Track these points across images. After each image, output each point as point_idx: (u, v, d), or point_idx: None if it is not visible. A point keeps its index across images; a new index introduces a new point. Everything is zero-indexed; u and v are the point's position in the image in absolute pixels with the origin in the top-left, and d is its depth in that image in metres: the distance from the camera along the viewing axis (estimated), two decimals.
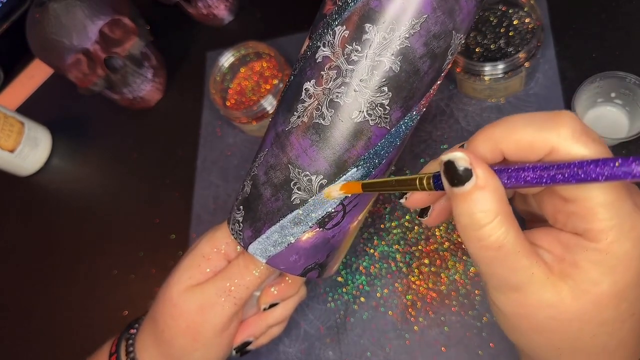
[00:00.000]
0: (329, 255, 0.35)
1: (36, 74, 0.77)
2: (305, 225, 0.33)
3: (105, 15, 0.58)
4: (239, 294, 0.37)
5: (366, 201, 0.35)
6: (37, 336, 0.60)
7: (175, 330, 0.37)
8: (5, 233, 0.67)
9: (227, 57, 0.58)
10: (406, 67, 0.30)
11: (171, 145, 0.64)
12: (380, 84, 0.30)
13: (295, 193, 0.33)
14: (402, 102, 0.31)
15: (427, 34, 0.29)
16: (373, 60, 0.30)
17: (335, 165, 0.32)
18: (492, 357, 0.43)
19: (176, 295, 0.37)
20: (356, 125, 0.31)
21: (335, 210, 0.33)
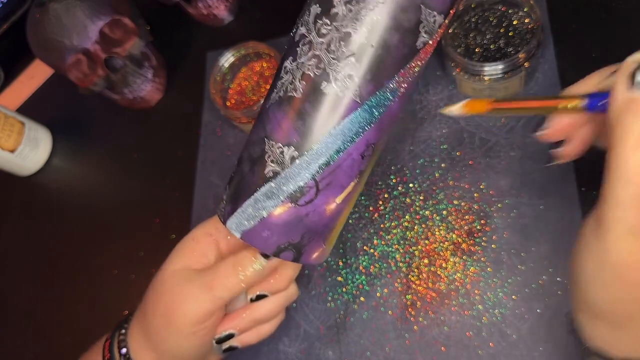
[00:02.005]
0: (303, 237, 0.34)
1: (36, 74, 0.77)
2: (277, 199, 0.33)
3: (105, 15, 0.58)
4: (220, 293, 0.36)
5: (342, 183, 0.34)
6: (38, 336, 0.60)
7: (155, 310, 0.38)
8: (6, 233, 0.68)
9: (227, 57, 0.58)
10: (373, 38, 0.31)
11: (171, 145, 0.64)
12: (348, 55, 0.31)
13: (269, 166, 0.33)
14: (371, 75, 0.31)
15: (394, 5, 0.30)
16: (340, 31, 0.31)
17: (306, 137, 0.32)
18: (491, 357, 0.43)
19: (168, 274, 0.38)
20: (325, 96, 0.32)
21: (307, 185, 0.33)
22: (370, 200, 0.52)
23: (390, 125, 0.34)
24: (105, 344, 0.41)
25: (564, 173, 0.47)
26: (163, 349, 0.38)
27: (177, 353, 0.38)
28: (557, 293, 0.43)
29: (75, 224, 0.64)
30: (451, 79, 0.52)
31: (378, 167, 0.53)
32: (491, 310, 0.45)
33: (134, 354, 0.39)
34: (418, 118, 0.53)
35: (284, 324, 0.50)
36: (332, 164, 0.32)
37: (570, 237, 0.44)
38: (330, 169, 0.33)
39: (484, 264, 0.46)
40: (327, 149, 0.32)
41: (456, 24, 0.51)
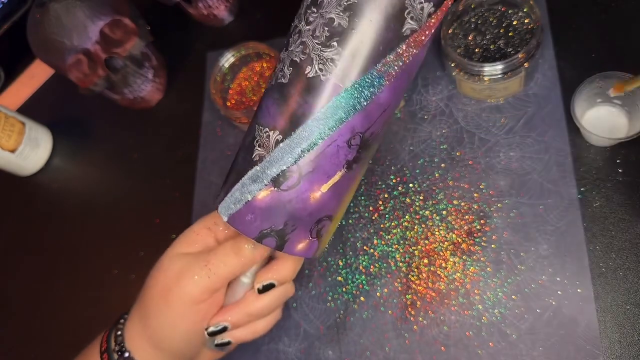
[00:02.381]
0: (287, 224, 0.34)
1: (37, 74, 0.77)
2: (261, 183, 0.33)
3: (105, 15, 0.58)
4: (215, 268, 0.37)
5: (327, 171, 0.33)
6: (38, 336, 0.60)
7: (153, 291, 0.38)
8: (6, 233, 0.68)
9: (227, 57, 0.58)
10: (355, 23, 0.31)
11: (171, 145, 0.64)
12: (330, 39, 0.31)
13: (256, 150, 0.34)
14: (353, 59, 0.32)
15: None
16: (324, 17, 0.31)
17: (290, 120, 0.32)
18: (491, 356, 0.43)
19: (167, 259, 0.39)
20: (309, 80, 0.32)
21: (289, 170, 0.33)
22: (370, 200, 0.52)
23: (381, 116, 0.34)
24: (104, 335, 0.41)
25: (564, 173, 0.47)
26: (158, 333, 0.38)
27: (171, 336, 0.38)
28: (557, 293, 0.43)
29: (75, 224, 0.64)
30: (451, 79, 0.52)
31: (378, 167, 0.53)
32: (491, 310, 0.45)
33: (129, 341, 0.39)
34: (418, 118, 0.53)
35: (284, 323, 0.50)
36: (314, 149, 0.32)
37: (570, 237, 0.45)
38: (313, 154, 0.32)
39: (484, 264, 0.46)
40: (309, 133, 0.32)
41: (456, 25, 0.51)
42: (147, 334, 0.39)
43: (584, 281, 0.43)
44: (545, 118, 0.49)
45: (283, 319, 0.50)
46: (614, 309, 0.42)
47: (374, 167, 0.53)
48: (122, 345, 0.39)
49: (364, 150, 0.34)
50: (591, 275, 0.43)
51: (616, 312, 0.42)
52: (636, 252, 0.43)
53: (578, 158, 0.47)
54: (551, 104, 0.49)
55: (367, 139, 0.34)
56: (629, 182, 0.45)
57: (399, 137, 0.53)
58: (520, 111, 0.50)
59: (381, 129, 0.35)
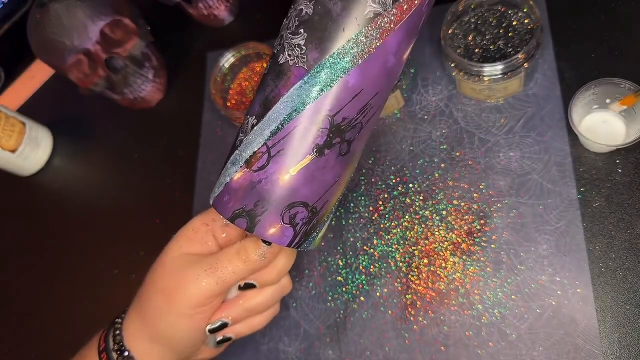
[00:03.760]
0: (257, 205, 0.34)
1: (37, 74, 0.77)
2: (237, 165, 0.35)
3: (106, 15, 0.58)
4: (224, 275, 0.37)
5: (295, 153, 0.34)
6: (38, 336, 0.60)
7: (155, 289, 0.39)
8: (6, 233, 0.68)
9: (227, 57, 0.58)
10: (318, 9, 0.33)
11: (172, 145, 0.64)
12: (298, 27, 0.33)
13: (239, 135, 0.36)
14: (317, 42, 0.33)
15: None
16: (296, 9, 0.34)
17: (264, 105, 0.34)
18: (491, 356, 0.43)
19: (169, 258, 0.39)
20: (280, 67, 0.34)
21: (259, 150, 0.34)
22: (370, 200, 0.52)
23: (353, 101, 0.34)
24: (102, 334, 0.41)
25: (563, 173, 0.47)
26: (159, 331, 0.39)
27: (172, 335, 0.39)
28: (557, 293, 0.43)
29: (75, 224, 0.64)
30: (451, 79, 0.52)
31: (378, 167, 0.53)
32: (490, 310, 0.45)
33: (128, 340, 0.40)
34: (418, 118, 0.53)
35: (284, 323, 0.50)
36: (281, 130, 0.34)
37: (570, 237, 0.45)
38: (281, 134, 0.34)
39: (484, 264, 0.46)
40: (277, 115, 0.34)
41: (456, 25, 0.51)
42: (148, 333, 0.39)
43: (584, 281, 0.43)
44: (544, 118, 0.49)
45: (283, 319, 0.50)
46: (613, 309, 0.42)
47: (374, 167, 0.53)
48: (121, 344, 0.39)
49: (336, 135, 0.35)
50: (591, 275, 0.43)
51: (616, 312, 0.42)
52: (636, 252, 0.43)
53: (578, 158, 0.47)
54: (551, 104, 0.49)
55: (338, 124, 0.34)
56: (628, 182, 0.45)
57: (399, 137, 0.53)
58: (520, 111, 0.50)
59: (357, 116, 0.35)
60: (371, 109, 0.36)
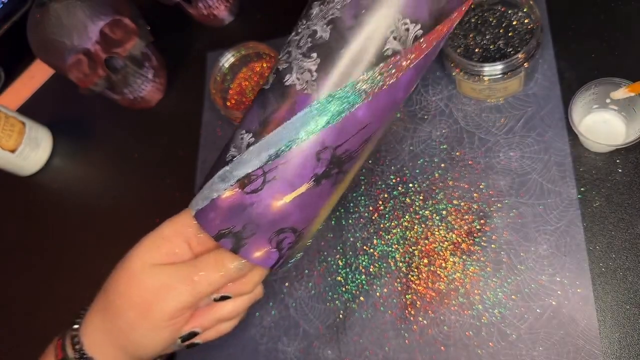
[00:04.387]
0: (246, 227, 0.33)
1: (37, 74, 0.77)
2: (228, 183, 0.33)
3: (105, 15, 0.58)
4: (201, 287, 0.36)
5: (292, 181, 0.33)
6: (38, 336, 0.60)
7: (127, 302, 0.37)
8: (6, 233, 0.68)
9: (227, 57, 0.58)
10: (336, 36, 0.31)
11: (172, 145, 0.64)
12: (311, 51, 0.31)
13: (231, 150, 0.34)
14: (330, 72, 0.32)
15: (357, 6, 0.31)
16: (309, 28, 0.32)
17: (263, 125, 0.33)
18: (491, 356, 0.43)
19: (139, 268, 0.37)
20: (285, 88, 0.32)
21: (254, 173, 0.33)
22: (370, 200, 0.52)
23: (357, 135, 0.33)
24: (57, 343, 0.40)
25: (564, 173, 0.47)
26: (128, 343, 0.38)
27: (143, 346, 0.38)
28: (557, 293, 0.43)
29: (75, 224, 0.64)
30: (451, 79, 0.52)
31: (378, 167, 0.53)
32: (490, 310, 0.45)
33: (91, 349, 0.38)
34: (418, 118, 0.53)
35: (283, 323, 0.50)
36: (280, 156, 0.32)
37: (570, 237, 0.45)
38: (280, 161, 0.32)
39: (484, 264, 0.46)
40: (278, 140, 0.32)
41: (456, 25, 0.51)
42: (114, 342, 0.38)
43: (584, 281, 0.43)
44: (544, 118, 0.49)
45: (282, 319, 0.50)
46: (613, 309, 0.42)
47: (374, 167, 0.53)
48: (82, 352, 0.38)
49: (336, 167, 0.33)
50: (591, 275, 0.43)
51: (616, 312, 0.42)
52: (636, 252, 0.43)
53: (578, 158, 0.47)
54: (551, 104, 0.49)
55: (339, 156, 0.33)
56: (628, 182, 0.45)
57: (399, 137, 0.53)
58: (520, 111, 0.50)
59: (358, 148, 0.34)
60: (372, 141, 0.35)
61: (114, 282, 0.38)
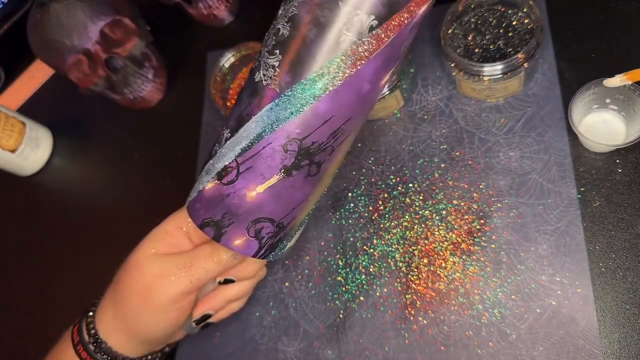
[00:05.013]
0: (224, 217, 0.36)
1: (37, 74, 0.77)
2: (210, 175, 0.36)
3: (106, 15, 0.58)
4: (197, 274, 0.40)
5: (263, 172, 0.35)
6: (38, 335, 0.60)
7: (132, 290, 0.40)
8: (6, 233, 0.68)
9: (227, 57, 0.58)
10: (294, 32, 0.33)
11: (172, 145, 0.64)
12: (275, 48, 0.34)
13: (215, 146, 0.37)
14: (290, 66, 0.33)
15: (311, 2, 0.32)
16: (274, 27, 0.34)
17: (237, 121, 0.35)
18: (491, 356, 0.43)
19: (142, 258, 0.41)
20: (255, 85, 0.35)
21: (229, 165, 0.35)
22: (370, 200, 0.52)
23: (323, 126, 0.34)
24: (74, 328, 0.43)
25: (563, 173, 0.47)
26: (136, 328, 0.41)
27: (149, 331, 0.41)
28: (557, 293, 0.43)
29: (75, 224, 0.64)
30: (451, 79, 0.52)
31: (378, 167, 0.53)
32: (490, 309, 0.45)
33: (104, 335, 0.42)
34: (418, 118, 0.53)
35: (283, 323, 0.50)
36: (251, 149, 0.34)
37: (570, 237, 0.45)
38: (250, 153, 0.34)
39: (484, 264, 0.46)
40: (248, 134, 0.34)
41: (456, 25, 0.51)
42: (124, 330, 0.41)
43: (584, 281, 0.43)
44: (544, 118, 0.49)
45: (282, 319, 0.50)
46: (613, 309, 0.42)
47: (374, 167, 0.53)
48: (96, 337, 0.42)
49: (305, 158, 0.35)
50: (591, 275, 0.43)
51: (616, 312, 0.42)
52: (636, 252, 0.43)
53: (577, 158, 0.47)
54: (551, 104, 0.49)
55: (306, 148, 0.35)
56: (628, 182, 0.45)
57: (399, 137, 0.53)
58: (520, 111, 0.50)
59: (328, 140, 0.35)
60: (344, 133, 0.36)
61: (122, 272, 0.42)
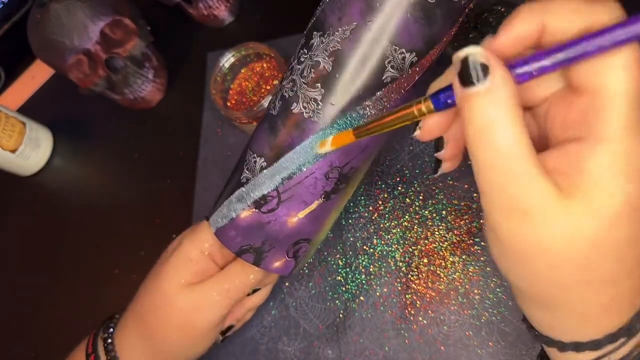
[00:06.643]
0: (264, 243, 0.37)
1: (37, 74, 0.77)
2: (245, 203, 0.36)
3: (106, 15, 0.59)
4: (236, 295, 0.40)
5: (304, 199, 0.36)
6: (38, 335, 0.60)
7: (169, 327, 0.39)
8: (7, 233, 0.68)
9: (227, 57, 0.58)
10: (337, 68, 0.33)
11: (172, 145, 0.64)
12: (316, 81, 0.34)
13: (244, 173, 0.37)
14: (335, 101, 0.34)
15: (356, 40, 0.33)
16: (312, 59, 0.34)
17: (275, 150, 0.35)
18: (491, 356, 0.43)
19: (174, 292, 0.39)
20: (293, 115, 0.35)
21: (270, 195, 0.35)
22: (370, 200, 0.52)
23: (362, 153, 0.36)
24: (89, 341, 0.42)
25: None
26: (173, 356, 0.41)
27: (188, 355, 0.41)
28: None
29: (76, 224, 0.64)
30: None
31: (378, 167, 0.53)
32: (490, 309, 0.45)
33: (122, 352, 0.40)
34: None
35: (284, 323, 0.50)
36: (293, 179, 0.35)
37: None
38: (292, 182, 0.35)
39: (483, 264, 0.46)
40: (290, 164, 0.35)
41: None
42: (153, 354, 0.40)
43: None
44: None
45: (282, 319, 0.50)
46: None
47: (374, 167, 0.53)
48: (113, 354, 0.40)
49: (343, 182, 0.36)
50: None
51: None
52: None
53: None
54: None
55: (345, 173, 0.36)
56: None
57: (398, 137, 0.53)
58: None
59: (362, 163, 0.37)
60: (374, 153, 0.38)
61: (151, 307, 0.40)
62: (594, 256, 0.22)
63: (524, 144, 0.21)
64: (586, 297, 0.23)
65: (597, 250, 0.21)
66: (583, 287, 0.23)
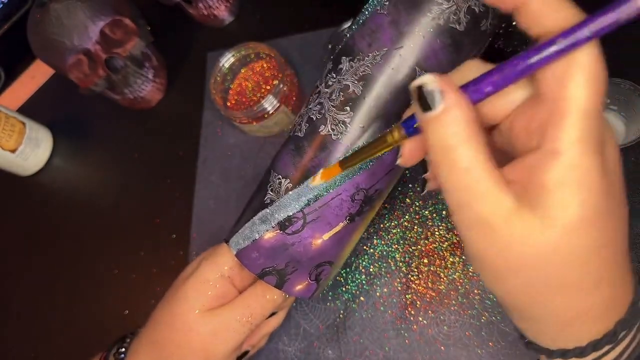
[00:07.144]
0: (288, 265, 0.36)
1: (37, 74, 0.77)
2: (269, 225, 0.36)
3: (106, 15, 0.59)
4: (256, 320, 0.39)
5: (330, 221, 0.36)
6: (38, 336, 0.60)
7: (188, 352, 0.38)
8: (6, 233, 0.68)
9: (227, 57, 0.58)
10: (367, 92, 0.34)
11: (172, 145, 0.64)
12: (345, 104, 0.34)
13: (268, 194, 0.37)
14: (363, 124, 0.35)
15: (385, 65, 0.34)
16: (341, 83, 0.35)
17: (300, 172, 0.36)
18: (491, 356, 0.43)
19: (193, 318, 0.38)
20: (321, 137, 0.35)
21: (294, 216, 0.35)
22: None
23: (386, 175, 0.36)
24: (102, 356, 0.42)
25: None
26: None
27: None
28: None
29: (75, 224, 0.64)
30: None
31: None
32: (490, 309, 0.45)
33: None
34: None
35: (284, 323, 0.50)
36: (319, 200, 0.35)
37: None
38: (318, 204, 0.35)
39: None
40: (316, 186, 0.35)
41: None
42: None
43: None
44: None
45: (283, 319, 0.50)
46: None
47: None
48: None
49: (367, 205, 0.37)
50: None
51: None
52: (636, 252, 0.43)
53: None
54: None
55: (370, 195, 0.36)
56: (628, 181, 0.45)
57: None
58: None
59: (386, 186, 0.37)
60: (396, 177, 0.38)
61: (168, 331, 0.39)
62: (556, 264, 0.22)
63: (482, 161, 0.22)
64: (559, 305, 0.24)
65: (558, 258, 0.22)
66: (552, 295, 0.24)
